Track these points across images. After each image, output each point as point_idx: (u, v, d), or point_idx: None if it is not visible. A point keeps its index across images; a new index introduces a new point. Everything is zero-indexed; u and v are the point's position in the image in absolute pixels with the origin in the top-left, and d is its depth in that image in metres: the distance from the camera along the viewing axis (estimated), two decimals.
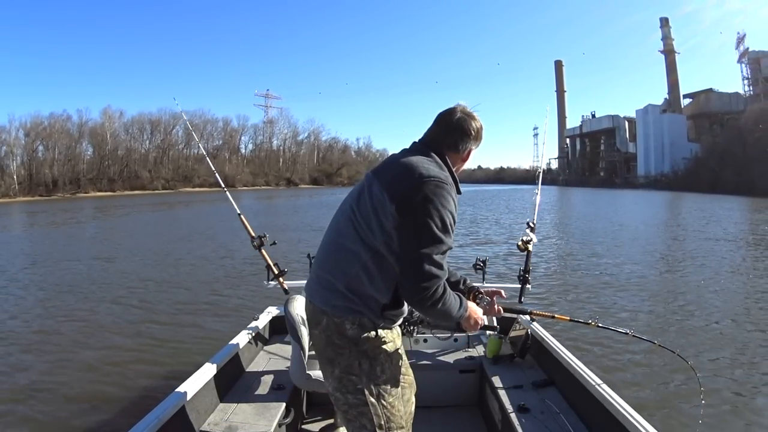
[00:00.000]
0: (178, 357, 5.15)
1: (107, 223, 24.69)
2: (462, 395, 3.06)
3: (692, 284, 8.91)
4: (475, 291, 1.89)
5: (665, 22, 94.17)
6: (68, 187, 65.70)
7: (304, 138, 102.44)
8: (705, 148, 74.64)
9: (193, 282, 9.19)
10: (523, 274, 3.34)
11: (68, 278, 9.79)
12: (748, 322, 6.50)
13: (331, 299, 1.57)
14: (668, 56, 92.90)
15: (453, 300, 1.53)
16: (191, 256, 12.46)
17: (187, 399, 2.22)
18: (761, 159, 55.53)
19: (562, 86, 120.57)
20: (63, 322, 6.63)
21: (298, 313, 2.49)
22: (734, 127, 68.87)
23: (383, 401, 1.58)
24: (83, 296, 8.16)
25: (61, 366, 5.01)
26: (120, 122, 77.47)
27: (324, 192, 63.58)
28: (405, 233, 1.46)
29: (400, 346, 1.72)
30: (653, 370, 4.65)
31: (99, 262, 11.73)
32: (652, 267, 10.78)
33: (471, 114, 1.67)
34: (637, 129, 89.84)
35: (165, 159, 79.75)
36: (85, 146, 73.16)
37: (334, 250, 1.60)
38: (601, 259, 11.64)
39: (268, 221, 22.47)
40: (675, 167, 77.81)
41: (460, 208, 1.65)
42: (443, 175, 1.52)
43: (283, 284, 3.46)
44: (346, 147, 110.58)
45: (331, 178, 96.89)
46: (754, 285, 8.86)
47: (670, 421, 3.74)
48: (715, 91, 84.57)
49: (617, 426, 2.00)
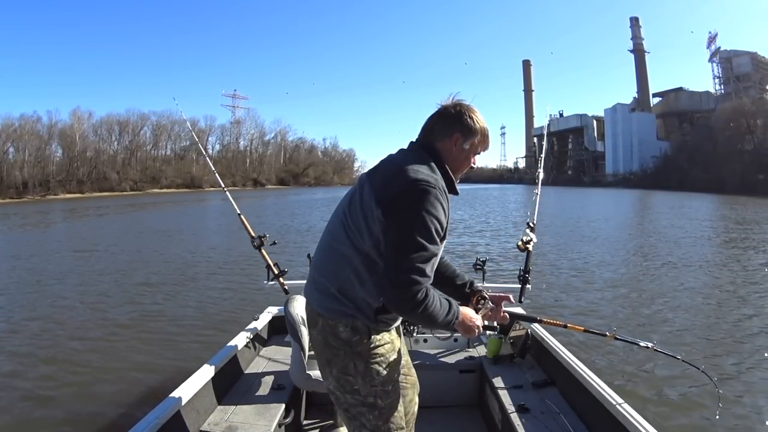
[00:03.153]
0: (178, 357, 5.14)
1: (92, 224, 24.46)
2: (462, 395, 3.07)
3: (665, 278, 9.15)
4: (479, 296, 1.78)
5: (635, 22, 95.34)
6: (38, 189, 64.63)
7: (271, 138, 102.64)
8: (674, 146, 75.45)
9: (192, 282, 9.16)
10: (523, 274, 3.29)
11: (64, 278, 9.76)
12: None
13: (324, 302, 1.57)
14: (638, 55, 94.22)
15: (438, 306, 1.45)
16: (189, 256, 12.38)
17: (187, 399, 2.23)
18: (732, 157, 56.16)
19: (530, 86, 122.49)
20: (60, 322, 6.61)
21: (298, 313, 2.50)
22: (704, 125, 69.62)
23: (380, 402, 1.58)
24: (79, 297, 8.12)
25: (60, 367, 4.98)
26: (89, 123, 76.85)
27: (290, 192, 64.74)
28: (388, 237, 1.44)
29: (399, 347, 1.69)
30: (659, 377, 4.55)
31: (93, 263, 11.61)
32: (627, 262, 11.13)
33: (466, 106, 1.61)
34: (606, 128, 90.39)
35: (133, 160, 79.32)
36: (54, 148, 72.30)
37: (327, 253, 1.61)
38: (590, 256, 11.77)
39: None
40: (644, 165, 78.44)
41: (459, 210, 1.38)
42: (432, 178, 1.46)
43: (284, 284, 3.42)
44: (313, 147, 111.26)
45: (298, 179, 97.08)
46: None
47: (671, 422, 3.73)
48: (685, 90, 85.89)
49: (617, 426, 2.00)
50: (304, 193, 58.35)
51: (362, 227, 1.48)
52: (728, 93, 72.49)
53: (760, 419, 3.79)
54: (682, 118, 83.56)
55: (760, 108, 61.41)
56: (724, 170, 54.18)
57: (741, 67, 71.82)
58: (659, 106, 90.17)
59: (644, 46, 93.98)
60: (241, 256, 11.25)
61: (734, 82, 72.14)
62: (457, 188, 1.62)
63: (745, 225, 19.33)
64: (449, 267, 1.83)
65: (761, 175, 51.45)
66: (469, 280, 1.85)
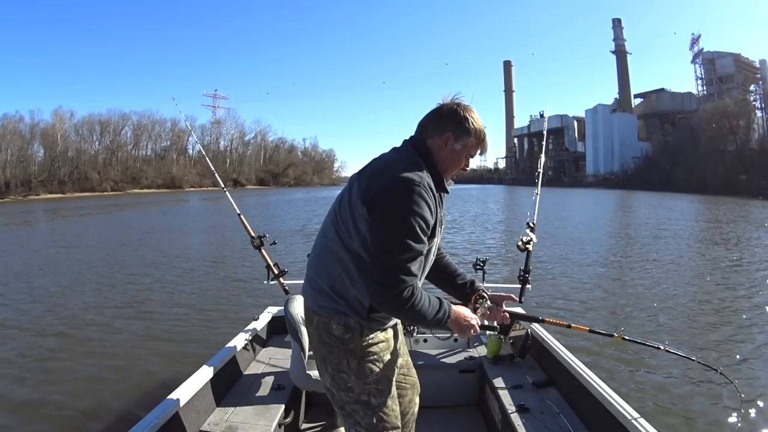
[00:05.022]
0: (178, 357, 5.13)
1: (84, 224, 24.29)
2: (462, 395, 3.06)
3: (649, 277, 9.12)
4: (477, 295, 1.76)
5: (618, 23, 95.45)
6: (20, 189, 64.94)
7: (251, 139, 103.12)
8: (656, 146, 75.51)
9: (191, 282, 9.12)
10: (523, 274, 3.27)
11: (63, 278, 9.69)
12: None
13: (318, 299, 1.60)
14: (620, 57, 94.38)
15: (426, 305, 1.46)
16: (187, 256, 12.32)
17: (187, 399, 2.22)
18: (714, 158, 56.00)
19: (510, 86, 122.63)
20: (58, 322, 6.55)
21: (298, 312, 2.48)
22: (686, 126, 69.55)
23: (374, 400, 1.59)
24: (78, 296, 8.08)
25: (60, 368, 4.96)
26: (70, 123, 77.24)
27: (270, 192, 64.88)
28: (373, 236, 1.45)
29: (395, 346, 1.71)
30: (659, 376, 4.51)
31: (90, 263, 11.43)
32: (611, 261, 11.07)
33: (463, 105, 1.59)
34: (586, 128, 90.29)
35: (114, 160, 79.83)
36: (36, 147, 72.76)
37: (320, 252, 1.63)
38: (583, 255, 11.67)
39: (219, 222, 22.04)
40: (625, 166, 78.33)
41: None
42: (417, 176, 1.45)
43: (283, 284, 3.42)
44: (293, 147, 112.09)
45: (278, 179, 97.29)
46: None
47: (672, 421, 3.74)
48: (667, 91, 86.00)
49: (617, 426, 2.00)
50: (285, 194, 59.74)
51: (350, 226, 1.49)
52: (711, 94, 72.38)
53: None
54: (663, 118, 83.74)
55: (743, 109, 61.79)
56: (706, 171, 54.06)
57: (724, 69, 71.87)
58: (641, 107, 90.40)
59: (626, 48, 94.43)
60: (237, 255, 11.30)
61: (717, 83, 72.04)
62: (448, 187, 1.59)
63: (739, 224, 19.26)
64: (450, 266, 1.82)
65: (743, 175, 51.28)
66: (470, 279, 1.83)
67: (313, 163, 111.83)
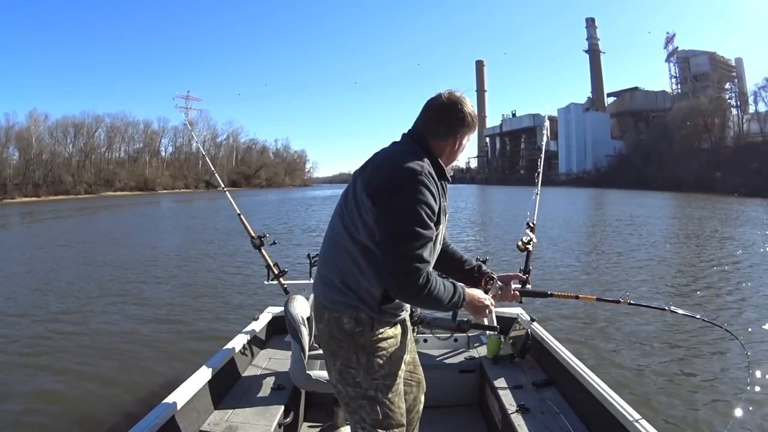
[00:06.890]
0: (178, 358, 5.09)
1: (64, 226, 23.89)
2: (462, 395, 3.05)
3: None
4: (487, 277, 1.82)
5: (591, 23, 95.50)
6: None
7: (223, 140, 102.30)
8: (629, 144, 75.10)
9: (191, 282, 9.07)
10: (523, 274, 3.24)
11: (60, 278, 9.66)
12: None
13: (329, 294, 1.61)
14: (593, 56, 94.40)
15: (442, 289, 1.49)
16: (185, 256, 12.31)
17: (187, 399, 2.23)
18: (689, 156, 56.07)
19: (482, 86, 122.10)
20: (58, 323, 6.51)
21: (299, 312, 2.49)
22: (660, 124, 69.30)
23: (381, 396, 1.60)
24: (77, 297, 8.04)
25: (59, 368, 4.89)
26: (45, 126, 75.79)
27: (242, 194, 64.37)
28: (381, 227, 1.47)
29: (404, 343, 1.72)
30: (660, 376, 4.48)
31: (89, 262, 11.47)
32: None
33: (458, 98, 1.62)
34: (559, 127, 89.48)
35: (87, 163, 78.67)
36: (12, 150, 71.24)
37: (330, 247, 1.65)
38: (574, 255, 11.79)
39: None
40: (598, 164, 77.76)
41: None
42: (417, 165, 1.48)
43: (283, 284, 3.42)
44: (265, 148, 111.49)
45: (250, 180, 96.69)
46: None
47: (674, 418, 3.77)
48: (640, 90, 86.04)
49: (617, 426, 2.01)
50: (258, 195, 59.56)
51: (356, 219, 1.51)
52: (685, 92, 72.34)
53: None
54: (637, 117, 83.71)
55: (718, 107, 61.51)
56: (680, 168, 53.80)
57: (699, 67, 71.84)
58: (614, 106, 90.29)
59: (599, 47, 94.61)
60: (244, 257, 11.20)
61: (692, 81, 71.96)
62: (448, 175, 1.62)
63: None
64: (456, 254, 1.85)
65: (719, 173, 50.72)
66: (477, 264, 1.85)
67: (285, 164, 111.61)
